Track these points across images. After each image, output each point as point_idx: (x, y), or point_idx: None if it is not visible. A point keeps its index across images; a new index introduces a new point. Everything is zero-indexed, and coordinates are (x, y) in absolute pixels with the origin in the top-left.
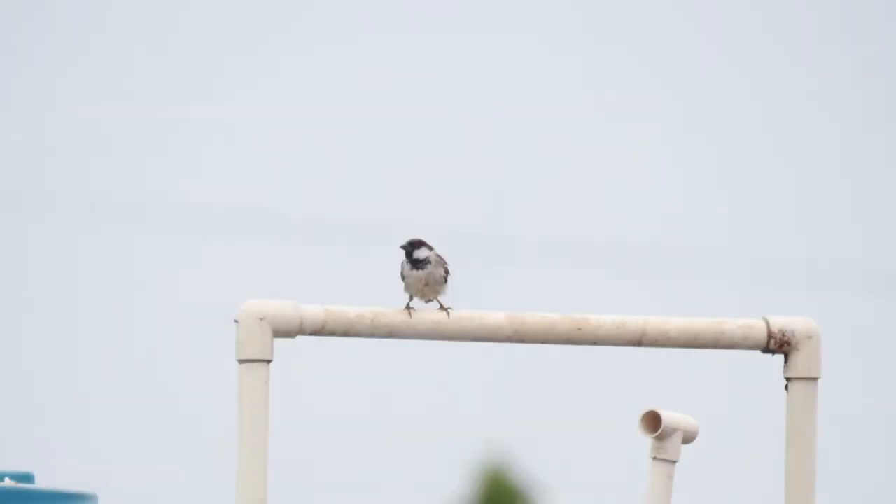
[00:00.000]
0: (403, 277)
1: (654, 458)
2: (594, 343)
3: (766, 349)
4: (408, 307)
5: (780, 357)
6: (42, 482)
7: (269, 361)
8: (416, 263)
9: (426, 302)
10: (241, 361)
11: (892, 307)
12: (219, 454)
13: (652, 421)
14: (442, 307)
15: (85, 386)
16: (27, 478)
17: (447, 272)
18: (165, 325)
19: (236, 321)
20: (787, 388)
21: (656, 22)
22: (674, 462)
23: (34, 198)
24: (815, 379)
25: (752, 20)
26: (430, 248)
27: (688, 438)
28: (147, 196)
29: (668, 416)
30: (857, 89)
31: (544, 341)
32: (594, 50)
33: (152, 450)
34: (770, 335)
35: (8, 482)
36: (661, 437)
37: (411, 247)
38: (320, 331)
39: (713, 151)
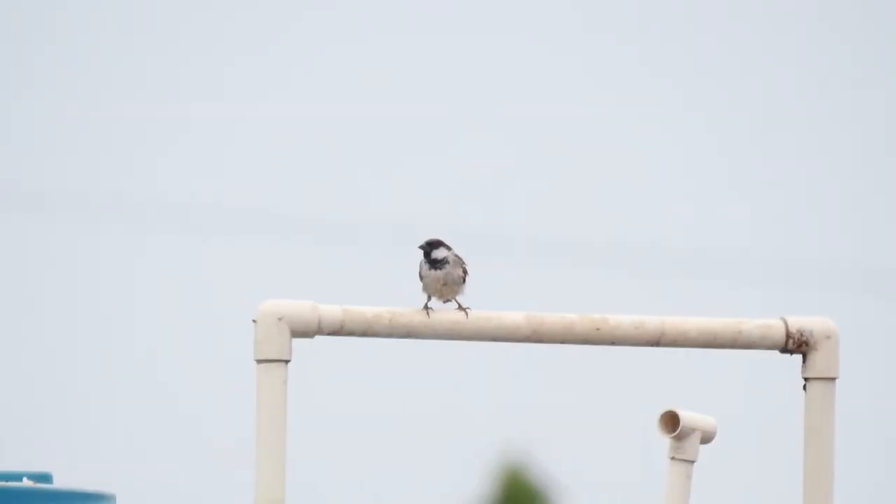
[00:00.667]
0: (422, 277)
1: (673, 458)
2: (612, 343)
3: (785, 349)
4: (426, 307)
5: (798, 357)
6: (60, 482)
7: (287, 361)
8: (435, 263)
9: (444, 302)
10: (259, 361)
11: None
12: (236, 454)
13: (670, 421)
14: (460, 307)
15: (103, 386)
16: (45, 478)
17: (465, 272)
18: (183, 325)
19: (254, 321)
20: (805, 388)
21: (657, 21)
22: (692, 462)
23: (45, 200)
24: (833, 379)
25: (753, 18)
26: (449, 248)
27: (706, 438)
28: (158, 197)
29: (687, 416)
30: (876, 87)
31: (562, 341)
32: (595, 50)
33: (170, 450)
34: (788, 335)
35: (26, 482)
36: (680, 437)
37: (429, 247)
38: (338, 331)
39: (730, 151)
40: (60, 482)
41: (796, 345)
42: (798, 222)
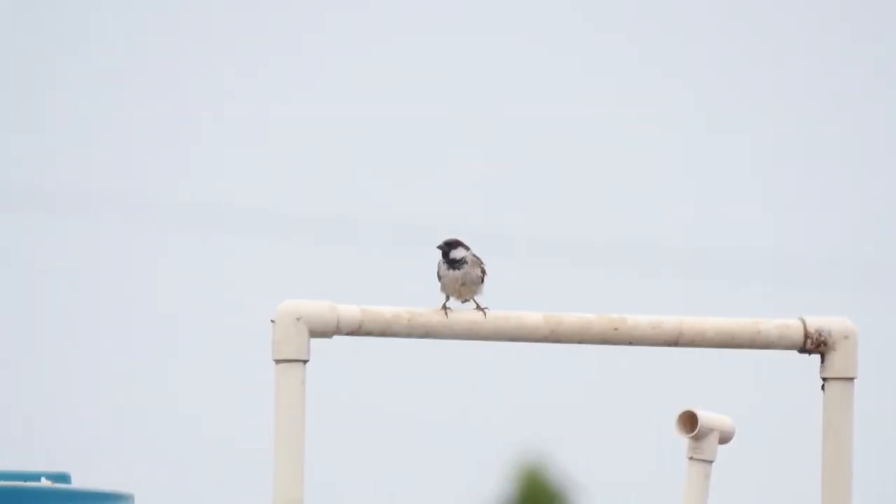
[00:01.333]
0: (440, 277)
1: (691, 459)
2: (630, 343)
3: (803, 349)
4: (444, 307)
5: (816, 357)
6: (78, 482)
7: (305, 361)
8: (453, 263)
9: (463, 302)
10: (277, 361)
11: None
12: (254, 454)
13: (688, 421)
14: (478, 307)
15: (120, 387)
16: (63, 478)
17: (483, 272)
18: (200, 326)
19: (273, 321)
20: (823, 388)
21: (657, 21)
22: (710, 462)
23: (67, 202)
24: (851, 379)
25: (754, 16)
26: (467, 248)
27: (724, 438)
28: (168, 199)
29: (705, 416)
30: (889, 84)
31: (580, 341)
32: (595, 49)
33: (188, 450)
34: (807, 335)
35: (44, 482)
36: (698, 437)
37: (448, 247)
38: (357, 331)
39: (748, 152)
40: (78, 482)
41: (815, 345)
42: (816, 222)
